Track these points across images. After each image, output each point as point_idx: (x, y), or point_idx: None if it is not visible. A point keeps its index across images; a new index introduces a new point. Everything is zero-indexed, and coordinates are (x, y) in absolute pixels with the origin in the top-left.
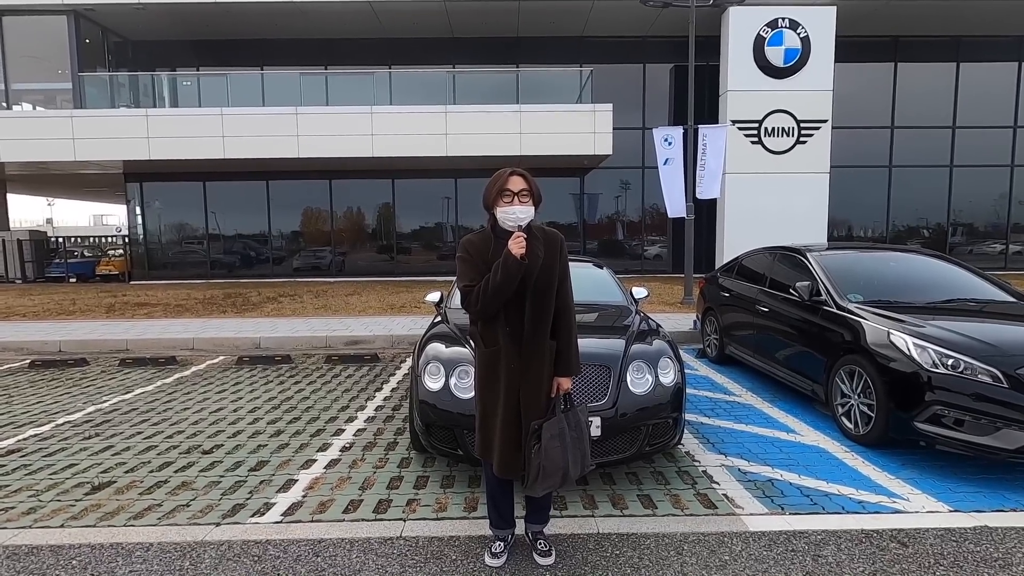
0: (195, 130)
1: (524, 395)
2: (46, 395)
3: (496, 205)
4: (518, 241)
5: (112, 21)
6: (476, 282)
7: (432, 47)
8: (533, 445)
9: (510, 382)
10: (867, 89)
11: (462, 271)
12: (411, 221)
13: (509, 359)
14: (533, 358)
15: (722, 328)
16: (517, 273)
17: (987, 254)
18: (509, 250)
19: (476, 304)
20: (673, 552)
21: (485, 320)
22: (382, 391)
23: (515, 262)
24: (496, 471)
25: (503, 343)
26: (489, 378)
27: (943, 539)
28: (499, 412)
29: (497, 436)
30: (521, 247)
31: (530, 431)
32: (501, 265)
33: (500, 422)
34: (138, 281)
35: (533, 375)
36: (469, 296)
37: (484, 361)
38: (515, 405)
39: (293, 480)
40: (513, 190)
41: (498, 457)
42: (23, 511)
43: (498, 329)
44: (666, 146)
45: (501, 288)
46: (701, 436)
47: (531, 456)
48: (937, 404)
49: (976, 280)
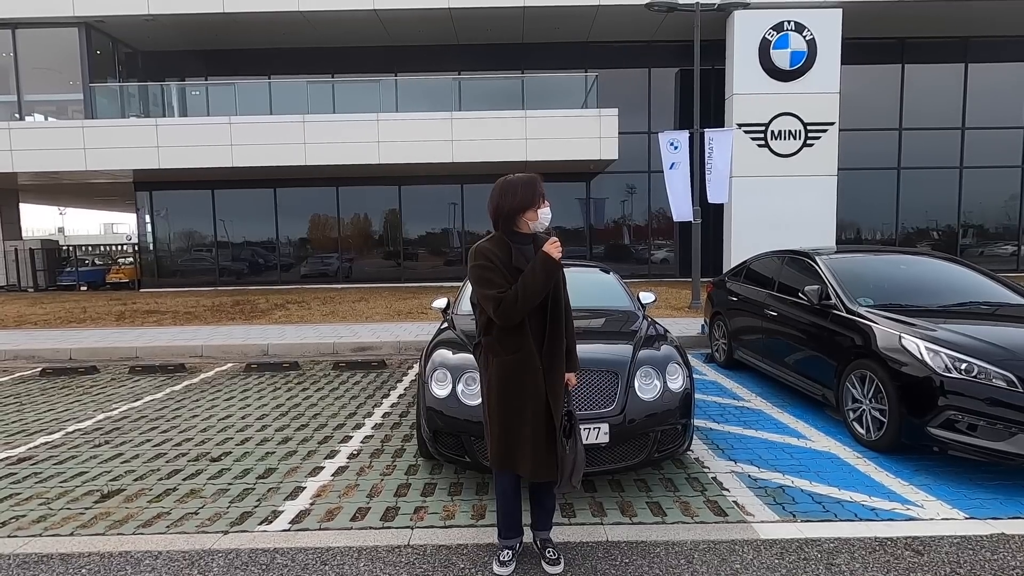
0: (204, 139)
1: (552, 397)
2: (57, 403)
3: (533, 208)
4: (555, 245)
5: (122, 32)
6: (506, 288)
7: (437, 54)
8: (566, 441)
9: (537, 384)
10: (874, 91)
11: (488, 279)
12: (418, 227)
13: (534, 361)
14: (556, 357)
15: (730, 332)
16: (556, 275)
17: (998, 256)
18: (548, 253)
19: (512, 308)
20: (683, 560)
21: (509, 327)
22: (389, 397)
23: (555, 264)
24: (530, 476)
25: (528, 347)
26: (512, 384)
27: (959, 547)
28: (528, 417)
29: (528, 442)
30: (559, 250)
31: (562, 428)
32: (540, 268)
33: (531, 428)
34: (148, 289)
35: (556, 374)
36: (504, 302)
37: (506, 368)
38: (545, 405)
39: (301, 488)
40: (543, 193)
41: (532, 462)
42: (34, 519)
43: (523, 334)
44: (672, 150)
45: (540, 291)
46: (710, 442)
47: (564, 453)
48: (950, 409)
49: (988, 283)
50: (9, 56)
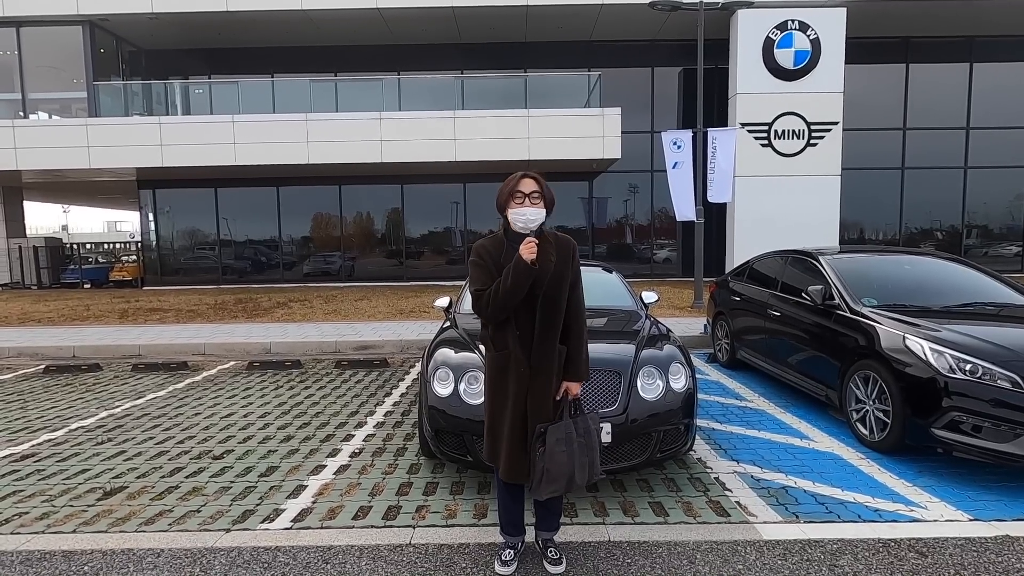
0: (207, 137)
1: (532, 399)
2: (60, 400)
3: (508, 207)
4: (529, 246)
5: (126, 31)
6: (488, 286)
7: (440, 53)
8: (538, 448)
9: (519, 386)
10: (878, 90)
11: (474, 275)
12: (420, 226)
13: (518, 363)
14: (542, 363)
15: (733, 332)
16: (527, 278)
17: (1002, 256)
18: (520, 255)
19: (487, 308)
20: (686, 561)
21: (496, 324)
22: (391, 396)
23: (525, 267)
24: (502, 475)
25: (513, 347)
26: (498, 382)
27: (963, 549)
28: (507, 416)
29: (504, 440)
30: (532, 252)
31: (535, 434)
32: (512, 269)
33: (508, 426)
34: (151, 287)
35: (541, 380)
36: (480, 300)
37: (494, 365)
38: (523, 409)
39: (303, 486)
40: (524, 192)
41: (504, 461)
42: (37, 516)
43: (508, 333)
44: (675, 150)
45: (512, 293)
46: (713, 442)
47: (535, 459)
48: (954, 410)
49: (993, 283)
50: (13, 54)
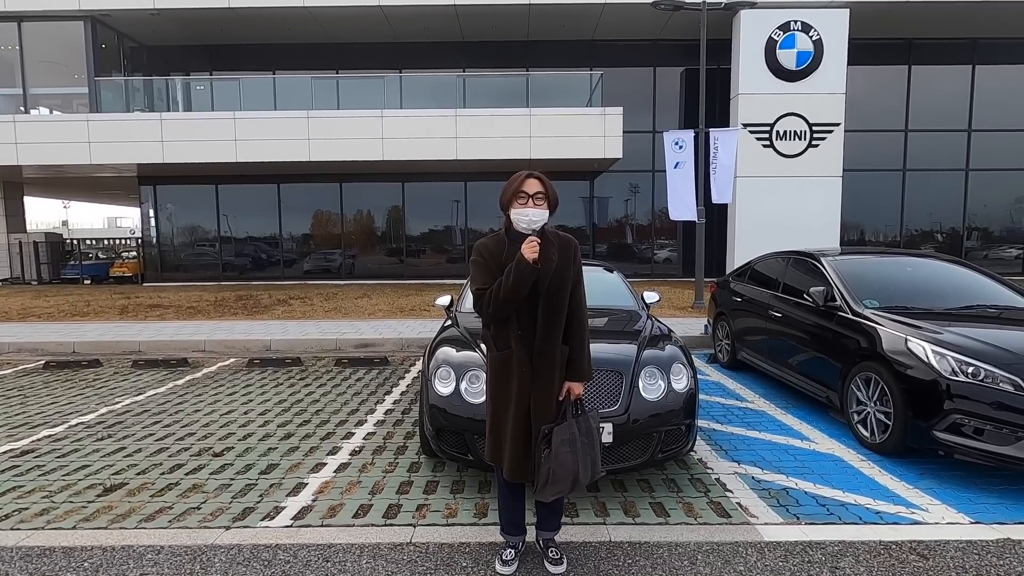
0: (208, 134)
1: (535, 400)
2: (60, 396)
3: (511, 206)
4: (531, 245)
5: (127, 27)
6: (489, 285)
7: (442, 51)
8: (543, 450)
9: (521, 386)
10: (881, 92)
11: (475, 274)
12: (421, 224)
13: (520, 363)
14: (544, 363)
15: (734, 333)
16: (529, 277)
17: (1003, 259)
18: (522, 254)
19: (488, 308)
20: (687, 562)
21: (497, 324)
22: (392, 394)
23: (527, 266)
24: (506, 475)
25: (515, 347)
26: (500, 382)
27: (964, 552)
28: (510, 416)
29: (507, 440)
30: (534, 251)
31: (540, 435)
32: (513, 269)
33: (511, 426)
34: (151, 283)
35: (544, 380)
36: (481, 299)
37: (495, 365)
38: (525, 409)
39: (303, 484)
40: (528, 192)
41: (508, 462)
42: (36, 512)
43: (510, 333)
44: (677, 150)
45: (513, 292)
46: (714, 443)
47: (541, 461)
48: (956, 413)
49: (995, 285)
50: (15, 49)
